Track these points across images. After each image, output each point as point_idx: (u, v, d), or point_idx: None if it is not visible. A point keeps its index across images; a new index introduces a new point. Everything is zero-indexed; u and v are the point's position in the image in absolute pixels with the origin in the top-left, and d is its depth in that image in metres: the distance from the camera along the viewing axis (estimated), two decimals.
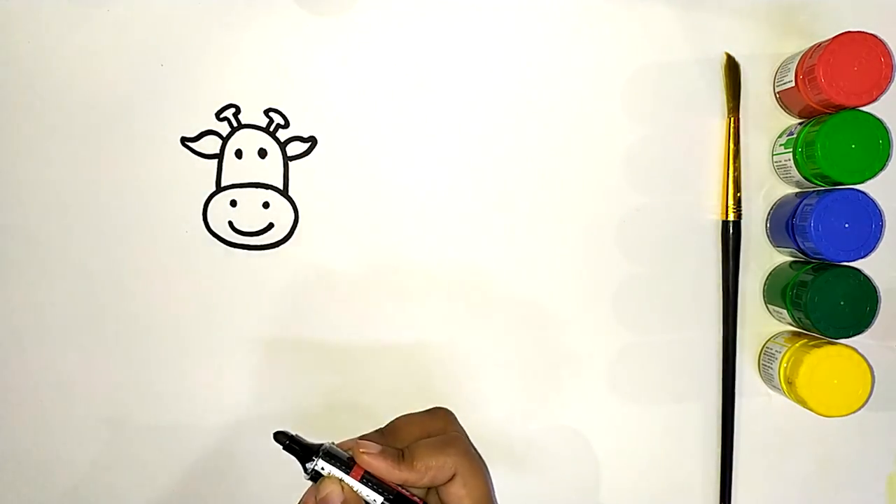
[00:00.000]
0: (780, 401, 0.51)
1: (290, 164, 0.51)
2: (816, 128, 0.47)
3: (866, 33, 0.46)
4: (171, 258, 0.51)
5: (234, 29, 0.51)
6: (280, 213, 0.51)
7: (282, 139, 0.51)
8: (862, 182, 0.47)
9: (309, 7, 0.51)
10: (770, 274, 0.52)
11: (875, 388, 0.47)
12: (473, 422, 0.51)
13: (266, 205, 0.51)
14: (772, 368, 0.50)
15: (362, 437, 0.45)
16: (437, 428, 0.47)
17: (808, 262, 0.50)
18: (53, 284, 0.51)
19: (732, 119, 0.51)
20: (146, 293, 0.51)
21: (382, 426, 0.46)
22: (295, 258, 0.51)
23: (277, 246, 0.51)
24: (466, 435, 0.47)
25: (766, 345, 0.52)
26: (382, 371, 0.52)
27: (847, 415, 0.47)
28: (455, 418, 0.48)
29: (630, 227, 0.52)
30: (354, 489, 0.42)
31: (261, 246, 0.51)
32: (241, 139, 0.51)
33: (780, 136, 0.51)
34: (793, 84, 0.49)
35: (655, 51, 0.51)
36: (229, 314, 0.51)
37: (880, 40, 0.46)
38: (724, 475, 0.52)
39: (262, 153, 0.51)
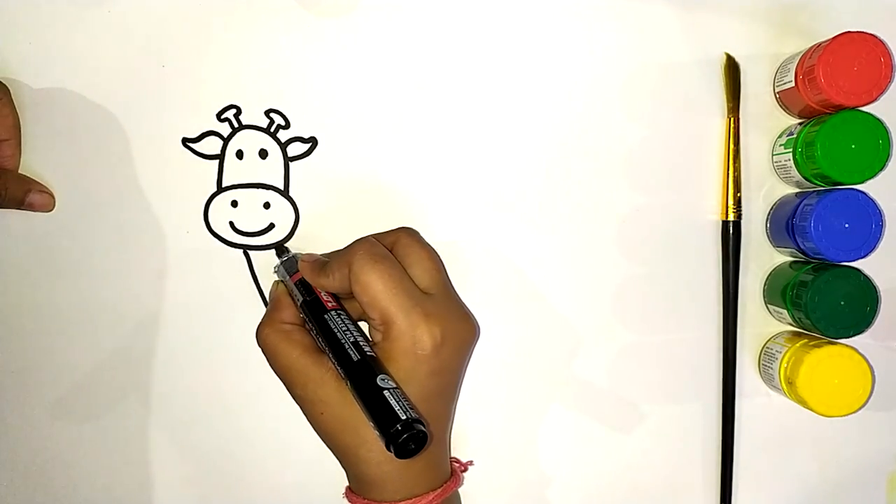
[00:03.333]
0: (781, 401, 0.51)
1: (291, 164, 0.51)
2: (816, 128, 0.47)
3: (866, 33, 0.46)
4: (172, 259, 0.51)
5: (234, 29, 0.51)
6: (281, 214, 0.51)
7: (283, 140, 0.51)
8: (862, 182, 0.47)
9: (309, 7, 0.51)
10: (770, 274, 0.52)
11: (875, 388, 0.48)
12: (473, 422, 0.52)
13: (267, 205, 0.51)
14: (772, 368, 0.50)
15: (329, 253, 0.49)
16: (388, 241, 0.47)
17: (808, 262, 0.50)
18: (54, 284, 0.51)
19: (732, 119, 0.51)
20: (147, 293, 0.51)
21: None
22: None
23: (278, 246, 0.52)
24: (421, 242, 0.47)
25: (767, 345, 0.52)
26: None
27: (847, 415, 0.47)
28: (411, 231, 0.48)
29: (630, 227, 0.52)
30: (288, 289, 0.48)
31: (262, 246, 0.51)
32: (242, 140, 0.51)
33: (779, 137, 0.51)
34: (793, 84, 0.49)
35: (655, 51, 0.51)
36: (230, 314, 0.51)
37: (880, 40, 0.46)
38: (724, 475, 0.52)
39: (263, 154, 0.51)
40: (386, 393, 0.41)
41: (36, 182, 0.50)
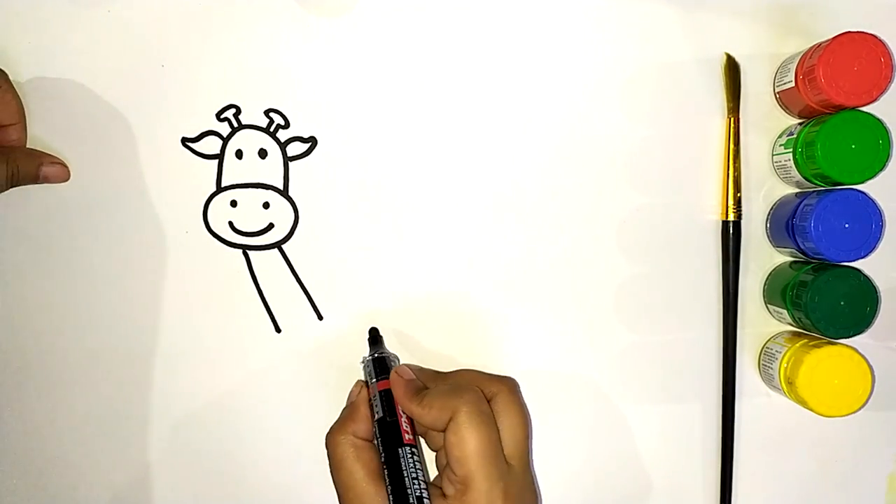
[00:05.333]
0: (781, 401, 0.51)
1: (291, 164, 0.51)
2: (816, 128, 0.47)
3: (866, 33, 0.46)
4: (172, 258, 0.51)
5: (234, 29, 0.51)
6: (280, 214, 0.51)
7: (282, 139, 0.51)
8: (862, 182, 0.47)
9: (309, 7, 0.51)
10: (770, 274, 0.52)
11: (875, 388, 0.48)
12: None
13: (266, 205, 0.51)
14: (772, 368, 0.50)
15: (422, 369, 0.49)
16: (490, 390, 0.47)
17: (808, 263, 0.50)
18: (53, 284, 0.51)
19: (732, 119, 0.51)
20: (146, 293, 0.51)
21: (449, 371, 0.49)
22: (295, 258, 0.52)
23: (277, 246, 0.51)
24: (519, 405, 0.46)
25: (767, 345, 0.52)
26: None
27: (847, 415, 0.47)
28: (514, 388, 0.47)
29: (630, 227, 0.52)
30: (370, 396, 0.47)
31: (261, 246, 0.51)
32: (242, 139, 0.51)
33: (780, 137, 0.51)
34: (793, 84, 0.49)
35: (655, 51, 0.51)
36: (229, 314, 0.51)
37: (880, 40, 0.46)
38: (724, 475, 0.52)
39: (263, 153, 0.51)
40: None
41: (47, 154, 0.50)
